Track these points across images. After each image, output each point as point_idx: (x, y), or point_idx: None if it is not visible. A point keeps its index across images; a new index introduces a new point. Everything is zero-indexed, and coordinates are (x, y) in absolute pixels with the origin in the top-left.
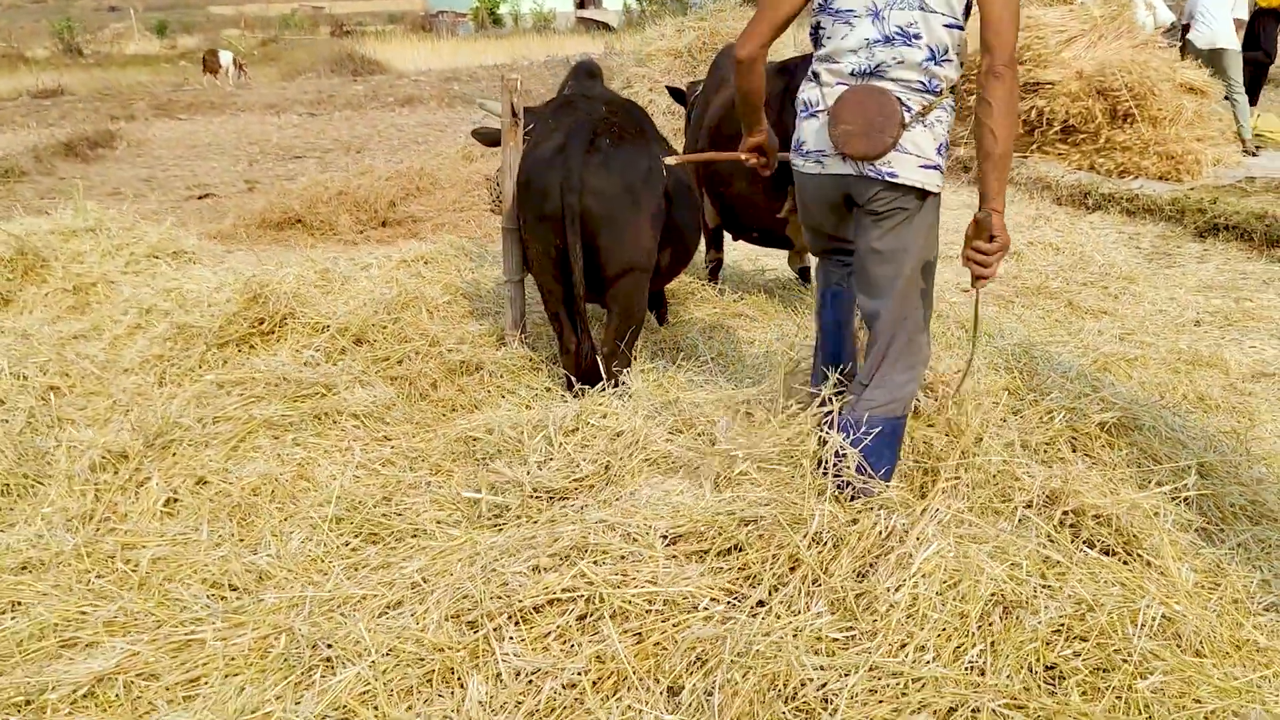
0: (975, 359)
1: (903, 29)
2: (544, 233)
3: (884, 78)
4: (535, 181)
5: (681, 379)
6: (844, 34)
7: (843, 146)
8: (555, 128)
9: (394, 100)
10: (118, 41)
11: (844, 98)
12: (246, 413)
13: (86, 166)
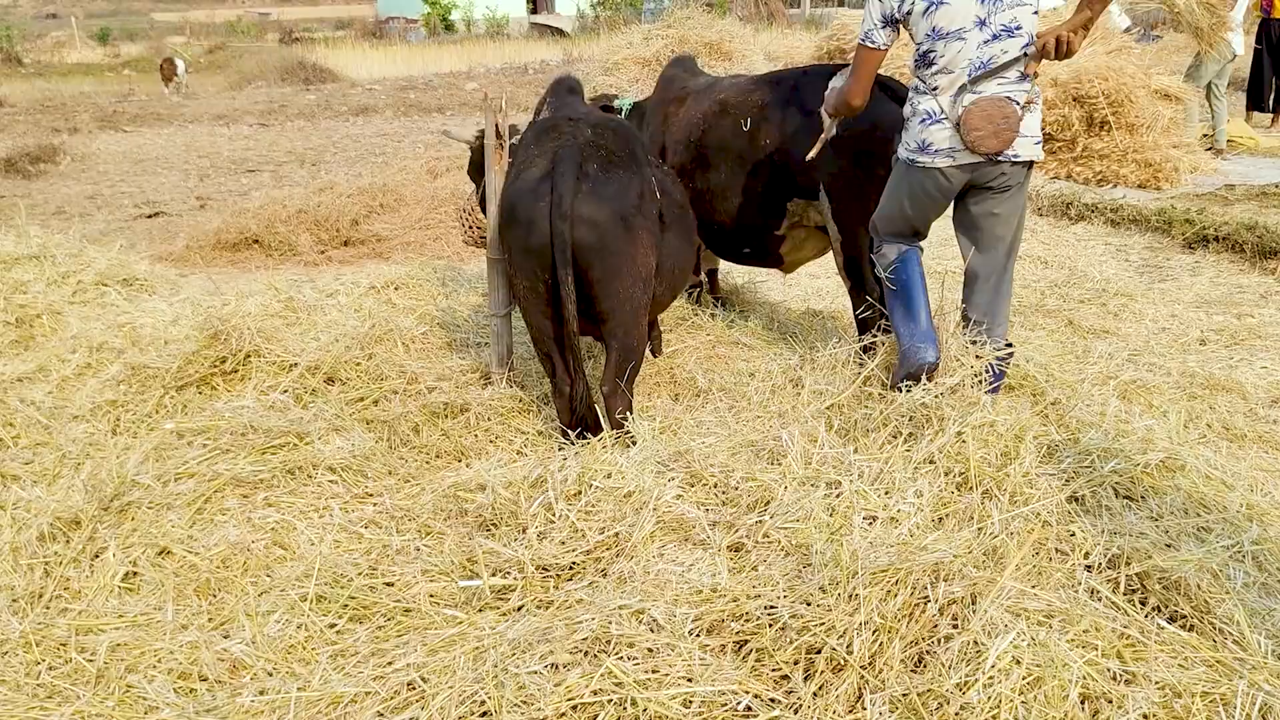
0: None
1: (1006, 26)
2: (532, 266)
3: (993, 71)
4: (521, 212)
5: (687, 420)
6: (958, 48)
7: (977, 147)
8: (539, 153)
9: (348, 110)
10: (59, 50)
11: (970, 110)
12: (211, 468)
13: (28, 183)
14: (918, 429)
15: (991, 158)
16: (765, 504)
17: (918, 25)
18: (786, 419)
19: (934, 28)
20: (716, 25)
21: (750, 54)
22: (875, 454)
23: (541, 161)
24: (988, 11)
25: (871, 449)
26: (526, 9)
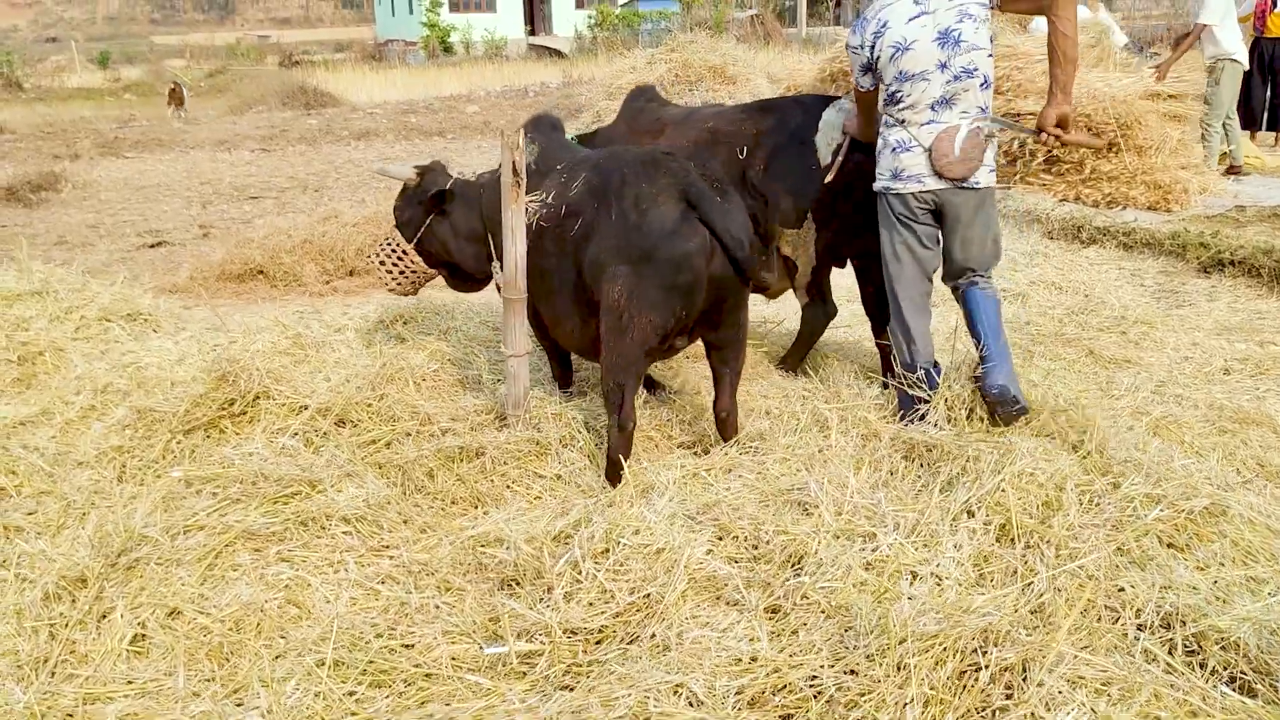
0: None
1: (965, 68)
2: (671, 302)
3: (954, 107)
4: (667, 251)
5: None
6: (923, 88)
7: (945, 172)
8: (655, 191)
9: (349, 134)
10: (59, 74)
11: (940, 137)
12: (222, 520)
13: (29, 212)
14: (954, 476)
15: (957, 184)
16: (799, 559)
17: (885, 69)
18: (813, 463)
19: (900, 71)
20: (720, 49)
21: (753, 78)
22: (910, 504)
23: (668, 200)
24: (948, 56)
25: (905, 498)
26: (524, 31)
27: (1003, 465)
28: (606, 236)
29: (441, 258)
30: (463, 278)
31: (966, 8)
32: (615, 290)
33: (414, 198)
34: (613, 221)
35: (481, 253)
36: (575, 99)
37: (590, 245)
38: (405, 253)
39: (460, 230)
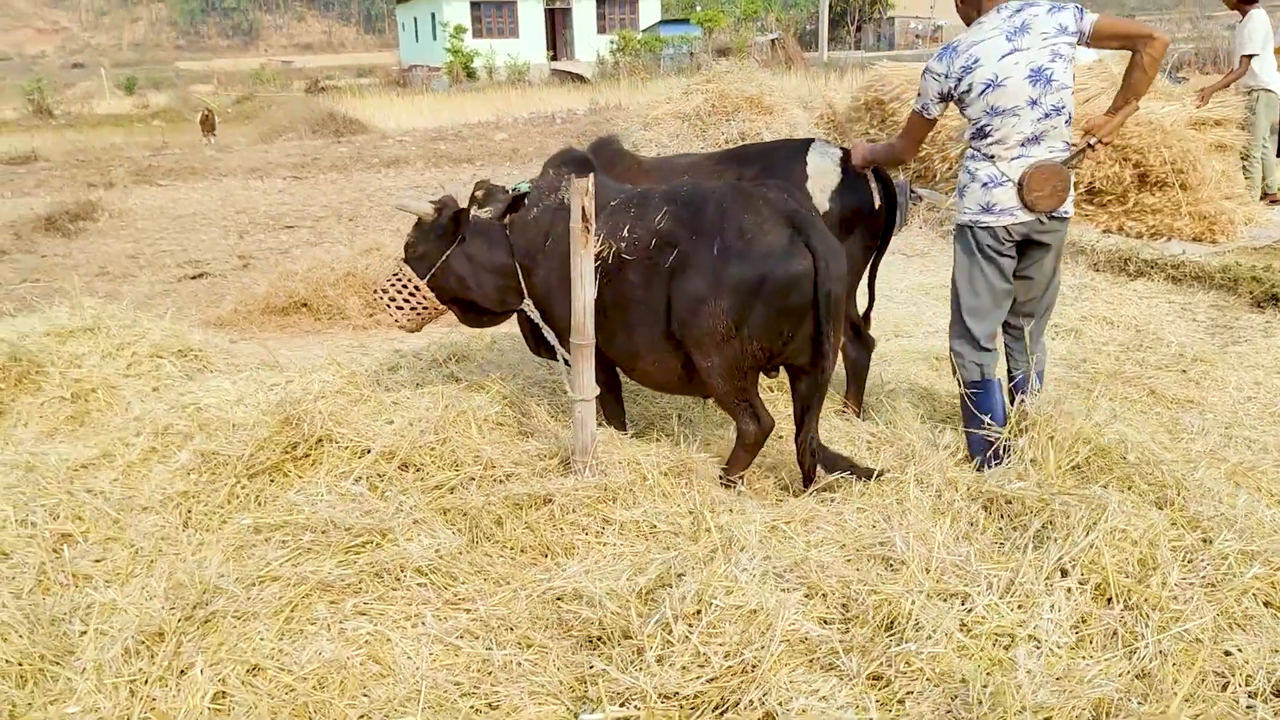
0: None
1: (1055, 106)
2: (781, 326)
3: (1042, 143)
4: (781, 276)
5: (788, 516)
6: (1013, 123)
7: (1037, 206)
8: (762, 219)
9: (379, 161)
10: (88, 101)
11: (1029, 174)
12: (295, 570)
13: (69, 242)
14: (1042, 531)
15: (1047, 216)
16: (892, 621)
17: (974, 103)
18: (891, 514)
19: (991, 106)
20: (756, 79)
21: (789, 107)
22: (1001, 561)
23: (775, 227)
24: (1039, 94)
25: (992, 553)
26: (546, 56)
27: (1094, 521)
28: (709, 267)
29: (456, 293)
30: (478, 313)
31: (1058, 47)
32: (723, 321)
33: (430, 232)
34: (715, 253)
35: (506, 287)
36: (603, 126)
37: (688, 277)
38: (417, 288)
39: (483, 264)
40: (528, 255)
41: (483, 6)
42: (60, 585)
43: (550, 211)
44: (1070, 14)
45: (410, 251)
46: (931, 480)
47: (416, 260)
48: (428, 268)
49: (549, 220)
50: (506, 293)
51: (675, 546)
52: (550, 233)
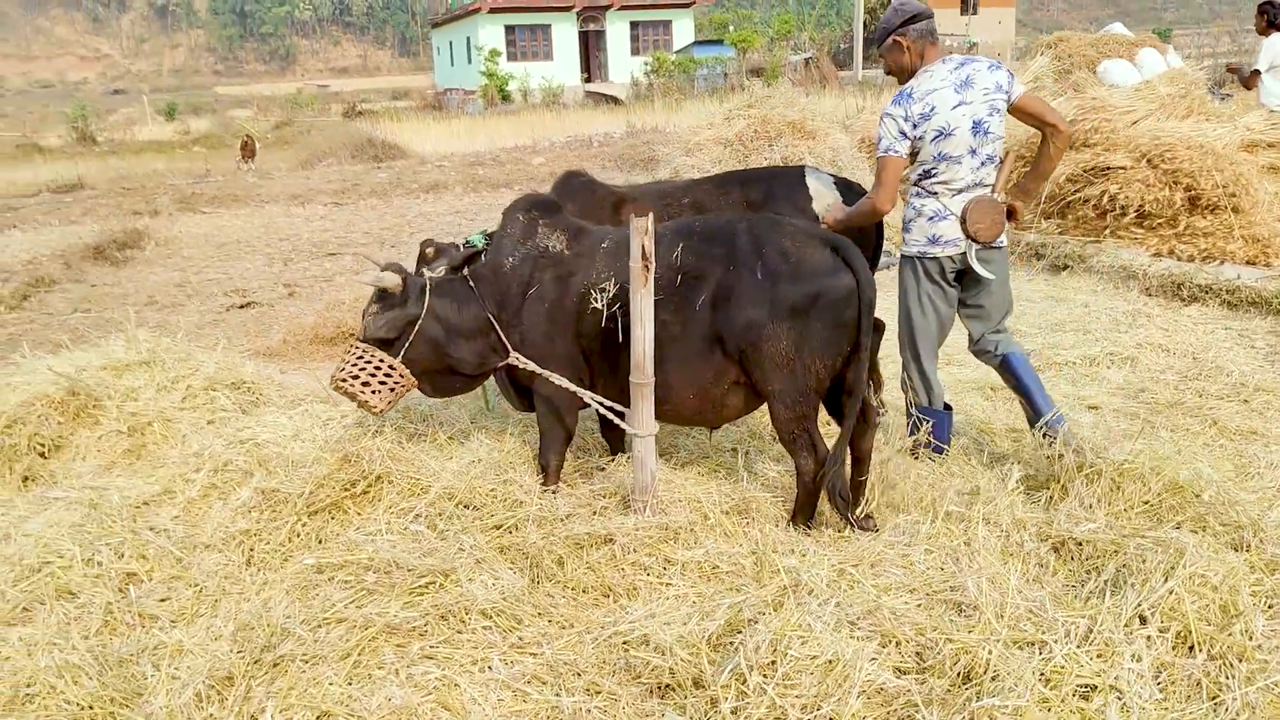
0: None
1: (990, 156)
2: (840, 341)
3: (976, 188)
4: (833, 292)
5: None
6: (956, 169)
7: (978, 236)
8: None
9: (418, 187)
10: (129, 127)
11: (969, 207)
12: (361, 612)
13: (117, 271)
14: (1117, 576)
15: (987, 245)
16: (969, 671)
17: (926, 148)
18: (960, 556)
19: (940, 152)
20: (798, 104)
21: (831, 131)
22: (1078, 607)
23: (814, 246)
24: (978, 144)
25: (1066, 598)
26: (580, 78)
27: (1172, 566)
28: (759, 292)
29: (430, 364)
30: (453, 379)
31: (995, 102)
32: (783, 343)
33: (396, 303)
34: (761, 280)
35: (484, 348)
36: (640, 149)
37: (739, 306)
38: (392, 366)
39: (456, 327)
40: (504, 308)
41: (517, 30)
42: (127, 626)
43: (529, 260)
44: (1005, 75)
45: (377, 329)
46: (999, 520)
47: (381, 338)
48: (401, 341)
49: (528, 270)
50: (486, 353)
51: (740, 589)
52: (532, 282)
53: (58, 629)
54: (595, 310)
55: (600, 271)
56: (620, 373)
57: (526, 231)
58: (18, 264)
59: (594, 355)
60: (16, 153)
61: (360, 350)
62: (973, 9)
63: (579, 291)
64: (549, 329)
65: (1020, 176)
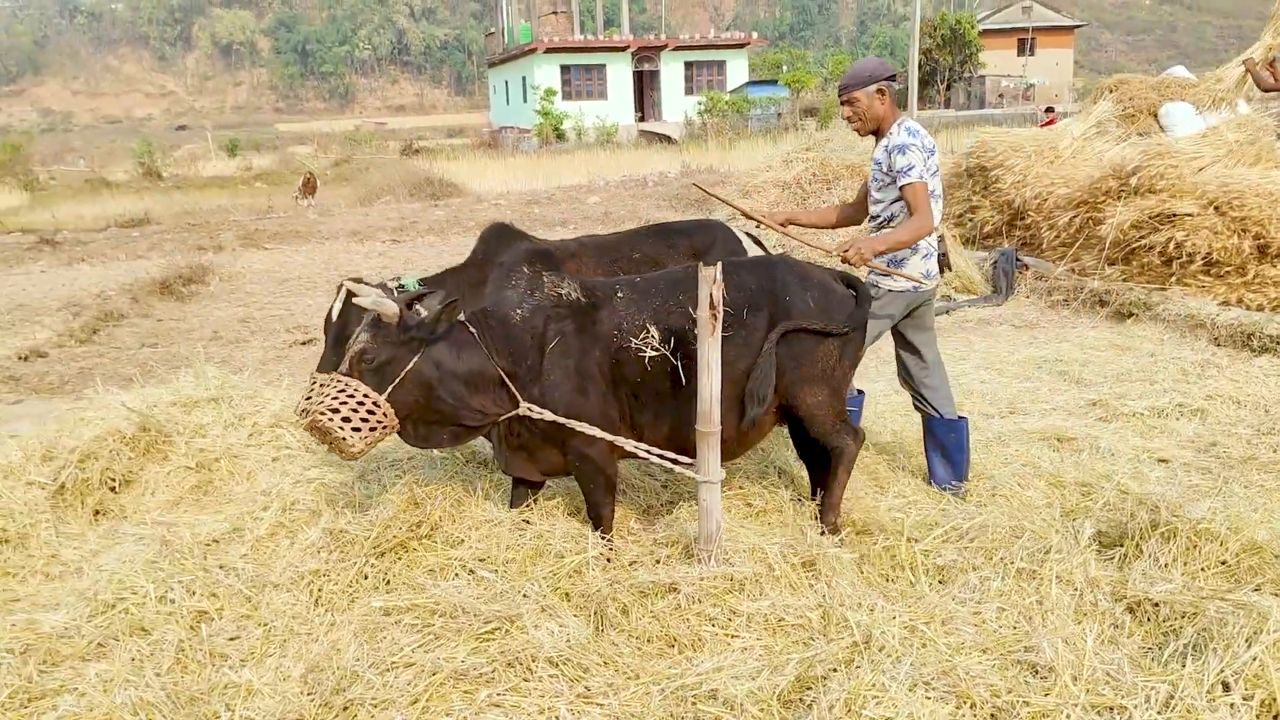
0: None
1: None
2: (859, 351)
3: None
4: (860, 314)
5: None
6: (939, 208)
7: (944, 272)
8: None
9: (475, 225)
10: (193, 163)
11: (941, 246)
12: (429, 657)
13: (183, 306)
14: (1196, 641)
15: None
16: None
17: (930, 180)
18: (1032, 615)
19: (933, 190)
20: (856, 148)
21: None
22: (1157, 672)
23: (836, 279)
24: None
25: (1144, 662)
26: (634, 117)
27: (1256, 632)
28: (816, 319)
29: (414, 409)
30: (437, 432)
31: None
32: (831, 357)
33: (393, 335)
34: (814, 307)
35: (485, 401)
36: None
37: (795, 334)
38: (377, 404)
39: (453, 372)
40: (519, 362)
41: (572, 69)
42: (198, 664)
43: (540, 312)
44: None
45: (367, 359)
46: (1072, 578)
47: (377, 370)
48: (390, 378)
49: (541, 321)
50: (486, 406)
51: (809, 643)
52: (548, 333)
53: (133, 665)
54: (637, 359)
55: (637, 319)
56: (661, 419)
57: (533, 283)
58: (87, 298)
59: (629, 403)
60: (85, 187)
61: (342, 383)
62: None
63: (612, 341)
64: (580, 381)
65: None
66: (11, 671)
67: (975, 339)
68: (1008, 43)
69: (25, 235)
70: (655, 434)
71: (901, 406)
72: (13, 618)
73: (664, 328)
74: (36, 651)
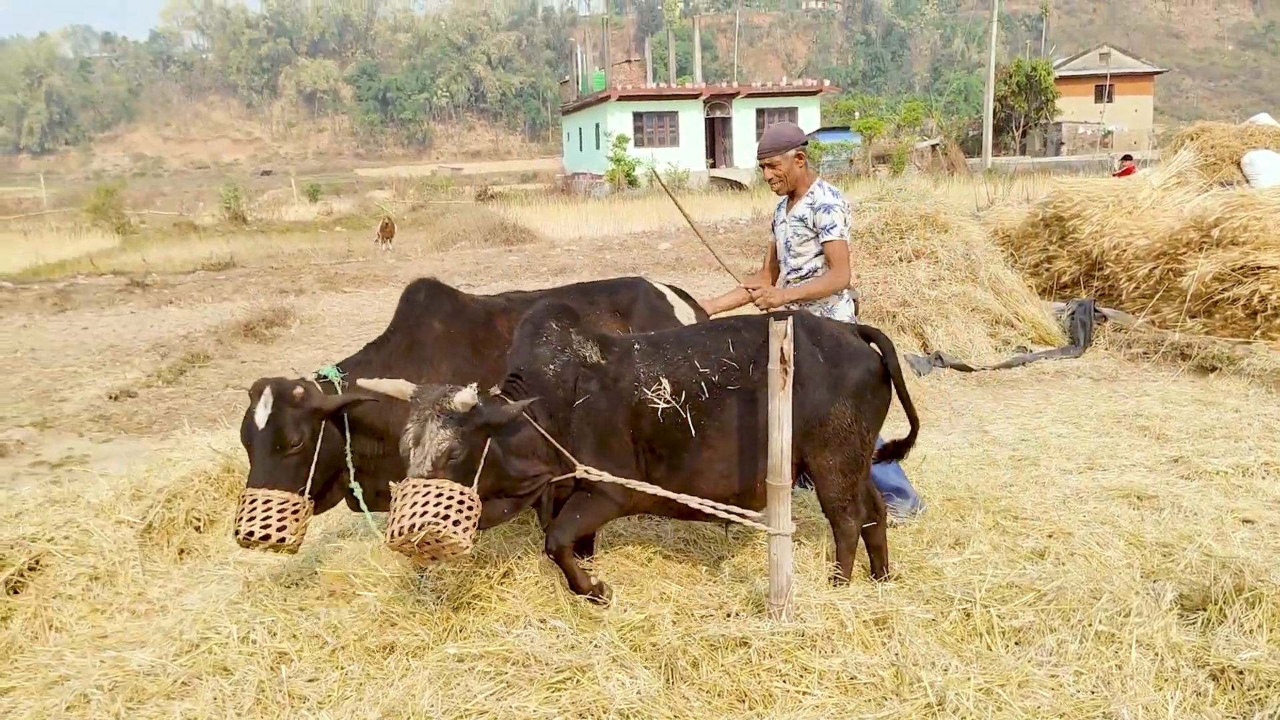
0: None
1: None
2: (883, 412)
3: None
4: (877, 368)
5: (1002, 679)
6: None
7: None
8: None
9: (548, 270)
10: (276, 208)
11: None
12: (501, 705)
13: (265, 348)
14: None
15: None
16: None
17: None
18: (1111, 680)
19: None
20: (930, 196)
21: (965, 225)
22: None
23: (850, 332)
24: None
25: None
26: (705, 164)
27: None
28: (824, 378)
29: (488, 491)
30: (500, 508)
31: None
32: (848, 413)
33: (467, 425)
34: (823, 364)
35: (536, 465)
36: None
37: (808, 391)
38: (472, 499)
39: (512, 446)
40: (554, 419)
41: (645, 116)
42: (278, 705)
43: (572, 368)
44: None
45: (448, 455)
46: (1153, 643)
47: (457, 466)
48: (473, 468)
49: (572, 376)
50: (537, 470)
51: (880, 702)
52: (579, 387)
53: (215, 705)
54: (662, 413)
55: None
56: (677, 467)
57: (564, 340)
58: (175, 339)
59: (648, 457)
60: (174, 230)
61: (433, 486)
62: (1108, 96)
63: (634, 393)
64: (606, 436)
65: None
66: (100, 708)
67: (1052, 391)
68: (1085, 89)
69: (117, 277)
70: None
71: (976, 460)
72: (102, 654)
73: (748, 368)
74: (124, 689)
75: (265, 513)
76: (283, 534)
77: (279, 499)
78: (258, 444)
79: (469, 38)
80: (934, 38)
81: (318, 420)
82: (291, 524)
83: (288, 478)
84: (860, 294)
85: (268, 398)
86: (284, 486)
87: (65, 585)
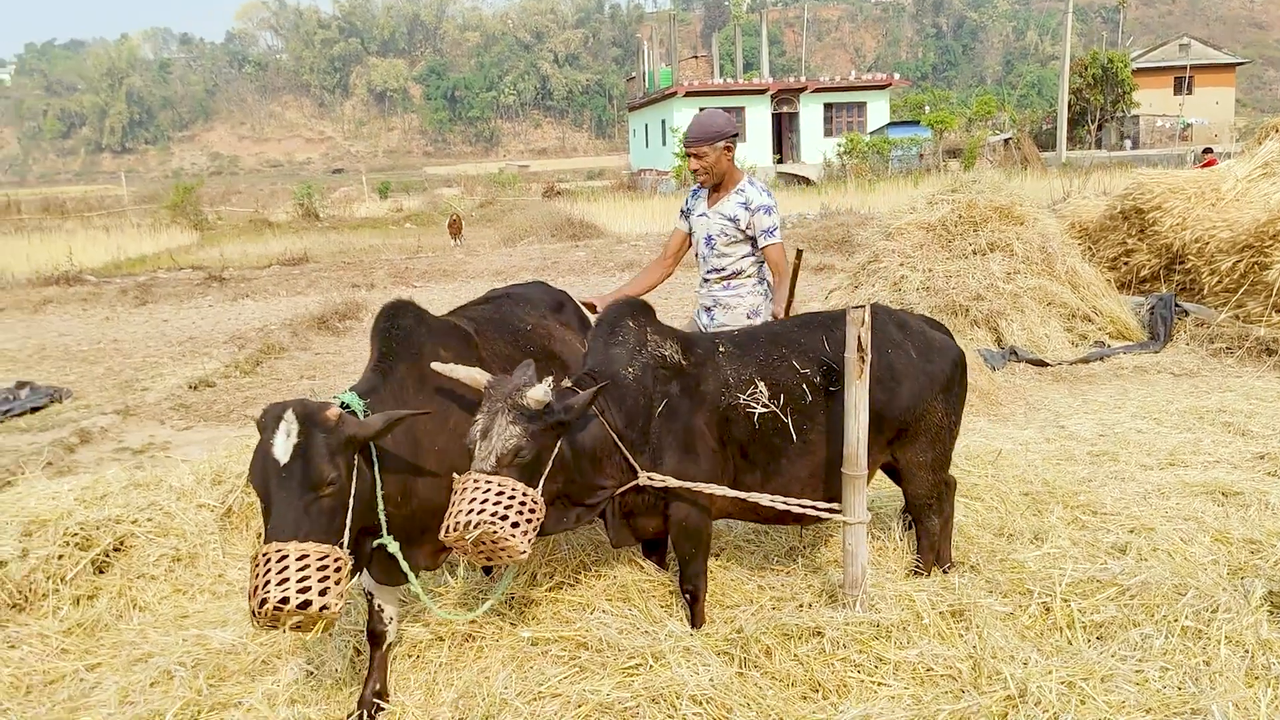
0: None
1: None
2: (964, 399)
3: None
4: (962, 364)
5: (1085, 672)
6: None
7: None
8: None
9: (614, 265)
10: (348, 205)
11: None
12: (575, 688)
13: (337, 340)
14: None
15: None
16: None
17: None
18: (1199, 676)
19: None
20: (1005, 189)
21: (1040, 217)
22: None
23: (933, 327)
24: None
25: None
26: (773, 159)
27: None
28: (916, 372)
29: (553, 495)
30: (565, 515)
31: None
32: (940, 408)
33: (539, 423)
34: (915, 359)
35: (606, 472)
36: (834, 230)
37: (902, 386)
38: (536, 501)
39: (582, 449)
40: (631, 424)
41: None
42: (356, 685)
43: (650, 370)
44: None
45: (516, 452)
46: (1242, 639)
47: (527, 466)
48: (541, 469)
49: (650, 380)
50: (605, 477)
51: (958, 694)
52: (655, 393)
53: (294, 684)
54: (749, 414)
55: (748, 372)
56: (774, 473)
57: (640, 339)
58: (252, 331)
59: (741, 459)
60: (249, 227)
61: (495, 484)
62: (1188, 89)
63: (723, 396)
64: (690, 441)
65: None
66: (183, 684)
67: (1131, 387)
68: (1163, 81)
69: (195, 272)
70: (772, 486)
71: (1053, 455)
72: (184, 633)
73: (829, 368)
74: (206, 666)
75: (302, 571)
76: (324, 599)
77: (317, 554)
78: (280, 484)
79: (536, 35)
80: (1006, 30)
81: (354, 451)
82: (333, 586)
83: (323, 526)
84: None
85: (291, 423)
86: (319, 538)
87: (149, 566)
